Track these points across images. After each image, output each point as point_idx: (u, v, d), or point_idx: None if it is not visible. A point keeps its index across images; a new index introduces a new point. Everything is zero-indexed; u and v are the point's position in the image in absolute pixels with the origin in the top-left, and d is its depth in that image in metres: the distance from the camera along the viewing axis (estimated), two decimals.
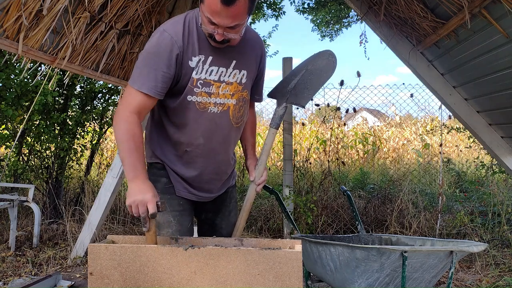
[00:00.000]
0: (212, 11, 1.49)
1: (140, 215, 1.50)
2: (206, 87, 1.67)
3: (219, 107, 1.71)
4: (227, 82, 1.71)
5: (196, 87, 1.66)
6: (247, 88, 1.81)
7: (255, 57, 1.82)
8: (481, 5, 2.44)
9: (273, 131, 1.85)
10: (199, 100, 1.67)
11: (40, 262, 3.66)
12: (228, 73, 1.71)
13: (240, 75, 1.75)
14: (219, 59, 1.68)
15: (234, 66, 1.72)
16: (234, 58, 1.71)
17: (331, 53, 1.81)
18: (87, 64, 3.05)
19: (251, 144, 1.98)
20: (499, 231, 4.11)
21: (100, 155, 6.03)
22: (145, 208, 1.50)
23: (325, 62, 1.80)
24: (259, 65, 1.85)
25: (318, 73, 1.81)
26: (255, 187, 1.85)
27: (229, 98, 1.73)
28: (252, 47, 1.80)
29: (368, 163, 7.31)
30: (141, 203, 1.50)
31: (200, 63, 1.65)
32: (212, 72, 1.68)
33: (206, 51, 1.66)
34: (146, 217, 1.50)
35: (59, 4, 2.42)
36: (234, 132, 1.81)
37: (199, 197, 1.84)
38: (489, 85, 3.01)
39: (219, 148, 1.77)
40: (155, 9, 3.49)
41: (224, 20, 1.50)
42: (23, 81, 4.36)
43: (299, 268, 1.38)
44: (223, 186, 1.91)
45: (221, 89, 1.70)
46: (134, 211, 1.51)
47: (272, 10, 8.29)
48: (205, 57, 1.66)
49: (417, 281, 2.07)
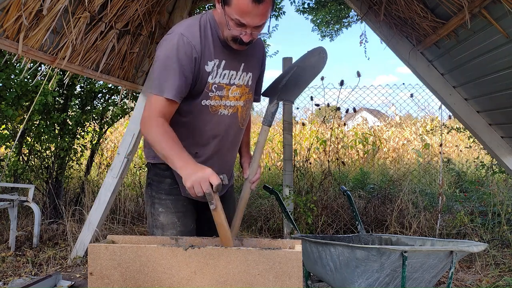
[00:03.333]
0: (242, 12, 1.49)
1: (205, 191, 1.44)
2: (219, 90, 1.69)
3: (229, 110, 1.73)
4: (237, 84, 1.73)
5: (211, 92, 1.67)
6: (252, 90, 1.83)
7: (258, 59, 1.84)
8: (481, 5, 2.44)
9: (265, 129, 1.85)
10: (212, 103, 1.68)
11: (40, 262, 3.66)
12: (238, 76, 1.73)
13: (247, 77, 1.77)
14: (231, 63, 1.70)
15: (243, 68, 1.74)
16: (242, 61, 1.73)
17: (322, 49, 1.80)
18: (87, 64, 3.05)
19: (245, 142, 2.00)
20: (499, 231, 4.11)
21: (100, 155, 6.03)
22: (208, 184, 1.44)
23: (316, 58, 1.80)
24: (261, 66, 1.87)
25: (308, 69, 1.82)
26: (250, 185, 1.84)
27: (238, 100, 1.75)
28: (256, 49, 1.82)
29: (368, 163, 7.31)
30: (203, 179, 1.44)
31: (215, 67, 1.66)
32: (225, 76, 1.69)
33: (220, 55, 1.66)
34: (211, 193, 1.45)
35: (59, 4, 2.43)
36: (240, 134, 1.84)
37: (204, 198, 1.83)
38: (489, 85, 3.01)
39: (227, 150, 1.80)
40: (155, 9, 3.49)
41: (254, 19, 1.51)
42: (23, 81, 4.36)
43: (299, 268, 1.38)
44: (224, 187, 1.91)
45: (231, 92, 1.72)
46: (197, 191, 1.45)
47: (272, 10, 8.28)
48: (219, 61, 1.67)
49: (417, 281, 2.07)
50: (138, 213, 5.00)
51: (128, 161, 3.84)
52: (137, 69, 3.81)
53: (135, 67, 3.71)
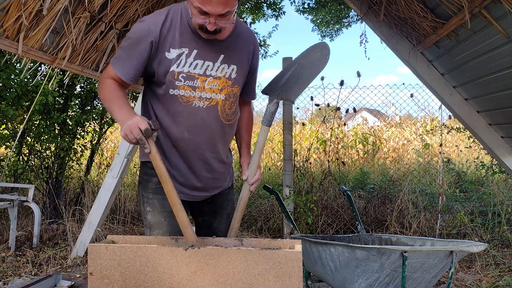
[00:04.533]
0: (202, 0, 1.49)
1: (136, 137, 1.50)
2: (189, 80, 1.66)
3: (205, 102, 1.69)
4: (214, 76, 1.69)
5: (177, 81, 1.65)
6: (238, 84, 1.77)
7: (247, 53, 1.79)
8: (481, 5, 2.44)
9: (265, 129, 1.80)
10: (181, 93, 1.66)
11: (40, 262, 3.66)
12: (215, 68, 1.69)
13: (229, 70, 1.72)
14: (205, 53, 1.67)
15: (222, 60, 1.70)
16: (222, 52, 1.69)
17: (325, 45, 1.74)
18: (87, 64, 3.05)
19: (245, 142, 1.94)
20: (499, 231, 4.11)
21: (100, 155, 6.03)
22: (138, 129, 1.50)
23: (318, 55, 1.74)
24: (251, 61, 1.82)
25: (310, 66, 1.75)
26: (249, 186, 1.80)
27: (217, 93, 1.70)
28: (244, 42, 1.78)
29: (368, 163, 7.31)
30: (132, 126, 1.51)
31: (183, 56, 1.64)
32: (197, 66, 1.66)
33: (190, 44, 1.65)
34: (142, 138, 1.51)
35: (59, 4, 2.43)
36: (225, 129, 1.77)
37: (191, 197, 1.81)
38: (489, 85, 3.01)
39: (207, 144, 1.73)
40: (155, 9, 3.49)
41: (215, 8, 1.50)
42: (23, 81, 4.36)
43: (299, 268, 1.38)
44: (217, 186, 1.87)
45: (207, 83, 1.68)
46: (130, 137, 1.52)
47: (272, 10, 8.29)
48: (189, 50, 1.65)
49: (417, 281, 2.07)
50: (138, 213, 5.00)
51: (128, 161, 3.84)
52: None
53: None
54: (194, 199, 1.83)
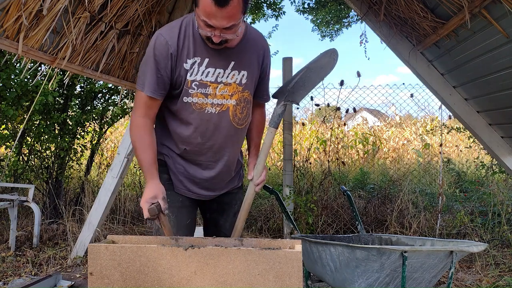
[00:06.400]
0: (207, 14, 1.51)
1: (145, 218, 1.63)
2: (202, 88, 1.70)
3: (217, 108, 1.73)
4: (225, 83, 1.73)
5: (191, 89, 1.69)
6: (249, 89, 1.81)
7: (257, 57, 1.82)
8: (481, 5, 2.44)
9: (272, 130, 1.85)
10: (195, 101, 1.71)
11: (40, 262, 3.66)
12: (226, 74, 1.73)
13: (239, 76, 1.76)
14: (216, 61, 1.70)
15: (232, 67, 1.73)
16: (232, 59, 1.73)
17: (334, 51, 1.81)
18: (87, 64, 3.05)
19: (254, 143, 1.98)
20: (499, 231, 4.11)
21: (100, 155, 6.03)
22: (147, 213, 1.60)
23: (326, 60, 1.81)
24: (261, 65, 1.85)
25: (317, 70, 1.81)
26: (254, 187, 1.84)
27: (228, 98, 1.75)
28: (253, 47, 1.80)
29: (368, 163, 7.31)
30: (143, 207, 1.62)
31: (195, 65, 1.68)
32: (209, 74, 1.70)
33: (202, 53, 1.69)
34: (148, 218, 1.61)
35: (59, 4, 2.42)
36: (237, 133, 1.82)
37: (199, 196, 1.85)
38: (489, 85, 3.01)
39: (218, 148, 1.79)
40: (155, 9, 3.49)
41: (220, 22, 1.52)
42: (23, 81, 4.36)
43: (299, 268, 1.38)
44: (226, 186, 1.91)
45: (218, 90, 1.72)
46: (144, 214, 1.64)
47: (272, 10, 8.30)
48: (201, 59, 1.69)
49: (417, 281, 2.07)
50: (138, 213, 5.00)
51: (128, 161, 3.84)
52: (137, 69, 3.80)
53: (135, 67, 3.70)
54: (202, 198, 1.88)
